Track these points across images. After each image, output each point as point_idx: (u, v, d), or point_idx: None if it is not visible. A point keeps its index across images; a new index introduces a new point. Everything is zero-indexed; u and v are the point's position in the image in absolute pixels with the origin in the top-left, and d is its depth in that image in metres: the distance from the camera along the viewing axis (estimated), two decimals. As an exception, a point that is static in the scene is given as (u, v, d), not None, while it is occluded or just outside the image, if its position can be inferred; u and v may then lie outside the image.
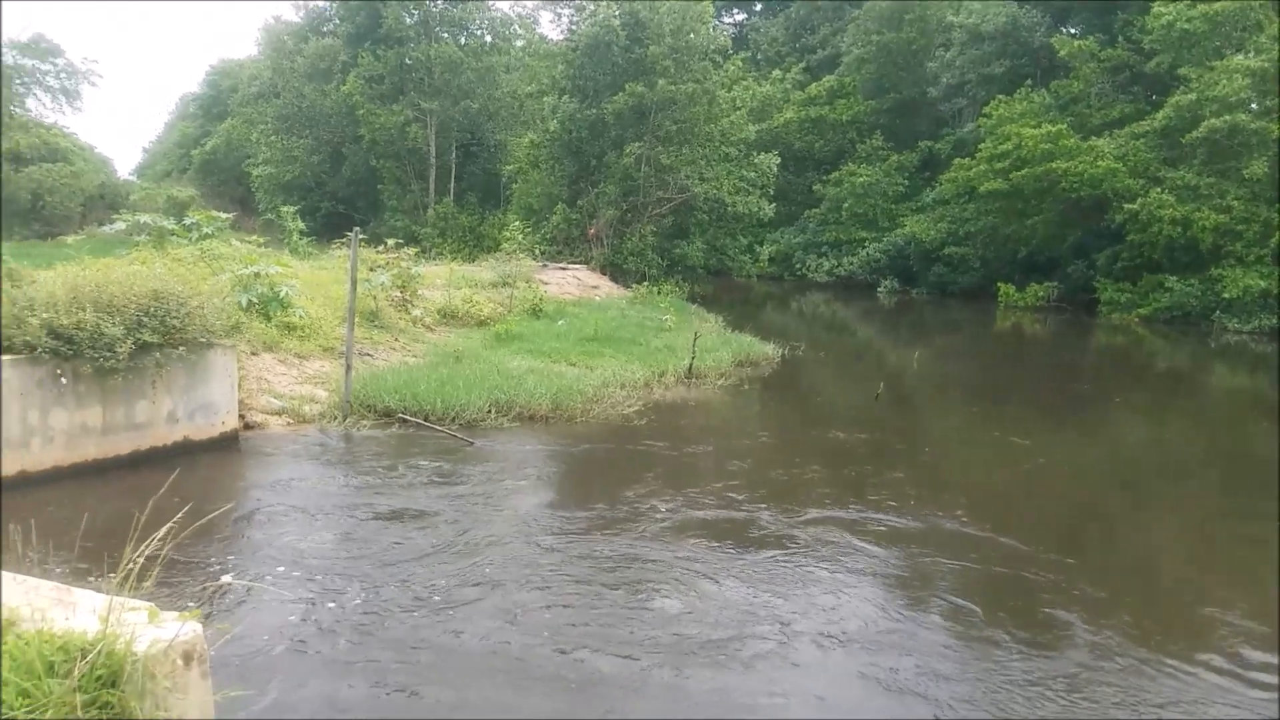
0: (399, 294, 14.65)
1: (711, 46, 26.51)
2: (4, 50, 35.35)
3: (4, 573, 2.86)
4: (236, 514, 6.79)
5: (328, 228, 29.78)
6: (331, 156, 38.79)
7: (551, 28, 34.52)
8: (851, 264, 40.11)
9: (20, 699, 2.25)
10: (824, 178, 42.54)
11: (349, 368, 10.09)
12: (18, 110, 41.04)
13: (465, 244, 32.26)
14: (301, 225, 21.74)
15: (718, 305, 24.02)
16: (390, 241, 14.88)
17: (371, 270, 13.83)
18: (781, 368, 16.45)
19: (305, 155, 37.99)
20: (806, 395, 14.87)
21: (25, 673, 2.23)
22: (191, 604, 5.03)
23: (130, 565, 2.59)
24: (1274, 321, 26.79)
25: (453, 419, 10.04)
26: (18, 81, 44.61)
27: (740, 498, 7.97)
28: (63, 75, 48.46)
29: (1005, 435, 11.92)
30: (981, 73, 39.19)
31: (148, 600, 2.74)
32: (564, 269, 23.96)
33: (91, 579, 5.13)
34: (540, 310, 17.35)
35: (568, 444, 9.88)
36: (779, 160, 28.76)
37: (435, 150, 35.60)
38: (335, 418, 9.88)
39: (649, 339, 16.16)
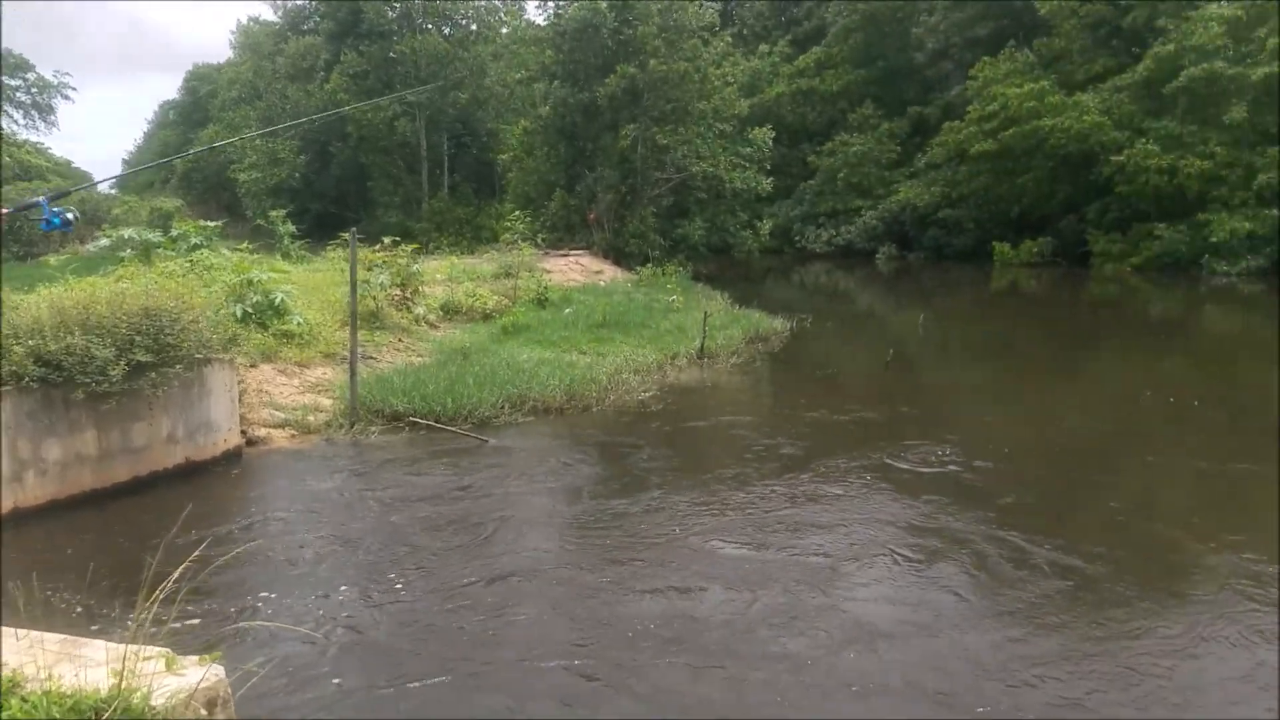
0: (399, 292, 14.31)
1: (699, 24, 26.27)
2: None
3: (4, 628, 2.63)
4: (246, 538, 6.51)
5: (319, 229, 29.26)
6: (319, 156, 38.19)
7: (537, 13, 34.00)
8: (849, 233, 40.06)
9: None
10: (817, 149, 42.22)
11: (353, 373, 9.84)
12: (-12, 129, 39.99)
13: (463, 236, 31.88)
14: (292, 228, 21.38)
15: (722, 283, 23.65)
16: (387, 239, 14.57)
17: (369, 270, 13.52)
18: (791, 342, 16.30)
19: (291, 156, 37.29)
20: (818, 367, 14.61)
21: (33, 746, 2.00)
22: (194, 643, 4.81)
23: (144, 613, 2.36)
24: (1262, 262, 27.67)
25: (465, 418, 9.79)
26: (-13, 98, 43.53)
27: (759, 473, 7.81)
28: (34, 90, 47.37)
29: (1014, 390, 12.33)
30: (966, 35, 39.03)
31: (163, 645, 2.52)
32: (566, 255, 23.58)
33: (98, 624, 4.94)
34: (546, 299, 16.83)
35: (585, 434, 9.67)
36: (773, 134, 28.52)
37: (426, 143, 35.10)
38: (342, 425, 9.60)
39: (658, 321, 15.84)
